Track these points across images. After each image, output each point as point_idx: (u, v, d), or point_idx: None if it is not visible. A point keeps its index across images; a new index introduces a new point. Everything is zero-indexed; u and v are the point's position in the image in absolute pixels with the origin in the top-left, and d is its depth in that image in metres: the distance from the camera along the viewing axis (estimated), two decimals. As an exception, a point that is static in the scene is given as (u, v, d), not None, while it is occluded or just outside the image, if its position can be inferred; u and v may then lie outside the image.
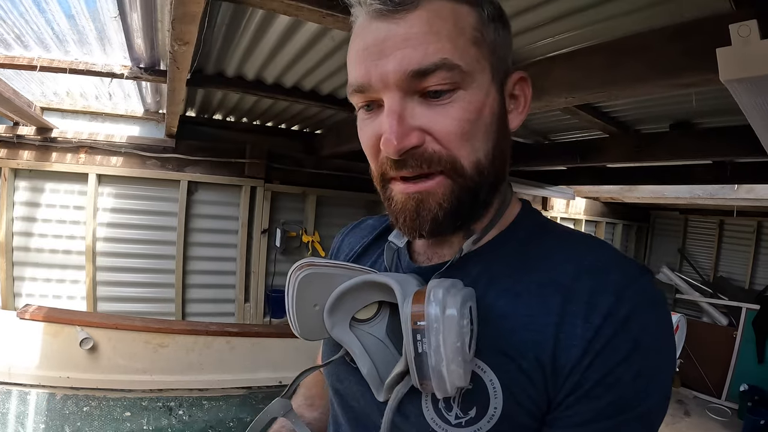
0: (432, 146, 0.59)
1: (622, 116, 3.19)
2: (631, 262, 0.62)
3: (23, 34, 2.46)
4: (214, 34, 2.35)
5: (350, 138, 3.83)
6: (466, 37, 0.59)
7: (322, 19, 1.85)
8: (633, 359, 0.55)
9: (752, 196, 5.10)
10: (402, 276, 0.66)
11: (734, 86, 1.45)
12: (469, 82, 0.59)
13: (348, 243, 0.93)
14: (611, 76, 1.84)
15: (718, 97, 2.35)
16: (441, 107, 0.59)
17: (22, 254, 3.89)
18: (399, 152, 0.58)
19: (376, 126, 0.61)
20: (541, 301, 0.59)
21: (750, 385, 5.26)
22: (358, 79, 0.60)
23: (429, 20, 0.57)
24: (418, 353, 0.54)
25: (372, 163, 0.66)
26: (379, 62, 0.58)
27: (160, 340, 2.98)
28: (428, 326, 0.53)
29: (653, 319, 0.57)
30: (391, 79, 0.57)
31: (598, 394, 0.55)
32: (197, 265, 4.40)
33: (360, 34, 0.61)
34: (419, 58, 0.56)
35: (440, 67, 0.57)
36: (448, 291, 0.55)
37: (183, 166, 4.20)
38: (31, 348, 2.82)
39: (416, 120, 0.59)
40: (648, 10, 1.71)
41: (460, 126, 0.59)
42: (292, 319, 0.68)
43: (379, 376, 0.66)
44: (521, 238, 0.68)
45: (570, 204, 6.58)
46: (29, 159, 3.78)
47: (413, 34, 0.57)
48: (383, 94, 0.59)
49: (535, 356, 0.57)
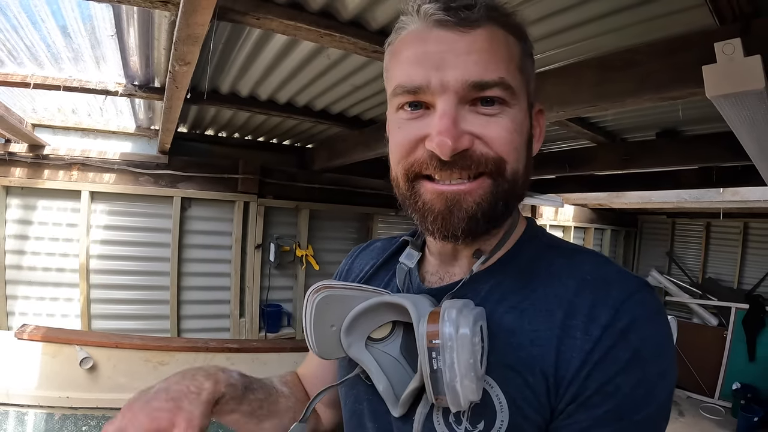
0: (481, 149, 0.62)
1: (610, 126, 3.25)
2: (632, 276, 0.65)
3: (17, 50, 2.45)
4: (210, 53, 2.38)
5: (343, 152, 3.85)
6: (514, 64, 0.65)
7: (320, 39, 1.89)
8: (632, 369, 0.57)
9: (738, 198, 5.17)
10: (415, 297, 0.69)
11: (720, 102, 1.51)
12: (515, 102, 0.64)
13: (358, 265, 0.95)
14: (601, 91, 1.89)
15: (703, 106, 2.41)
16: (491, 117, 0.63)
17: (14, 272, 3.84)
18: (453, 152, 0.60)
19: (422, 126, 0.64)
20: (545, 316, 0.62)
21: (742, 384, 5.33)
22: (414, 81, 0.63)
23: (489, 40, 0.62)
24: (433, 370, 0.57)
25: (400, 160, 0.68)
26: (440, 68, 0.61)
27: (160, 358, 2.97)
28: (443, 344, 0.56)
29: (652, 330, 0.60)
30: (451, 86, 0.61)
31: (597, 403, 0.57)
32: (192, 281, 4.38)
33: (418, 39, 0.64)
34: (481, 71, 0.61)
35: (498, 84, 0.62)
36: (461, 311, 0.59)
37: (176, 182, 4.19)
38: (30, 368, 2.79)
39: (467, 125, 0.62)
40: (636, 26, 1.77)
41: (510, 134, 0.63)
42: (311, 340, 0.70)
43: (395, 393, 0.69)
44: (528, 256, 0.71)
45: (559, 211, 6.63)
46: (21, 176, 3.74)
47: (476, 49, 0.61)
48: (438, 98, 0.62)
49: (540, 370, 0.60)
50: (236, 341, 3.91)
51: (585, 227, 7.20)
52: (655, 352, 0.59)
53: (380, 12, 1.83)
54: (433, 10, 0.62)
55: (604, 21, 1.76)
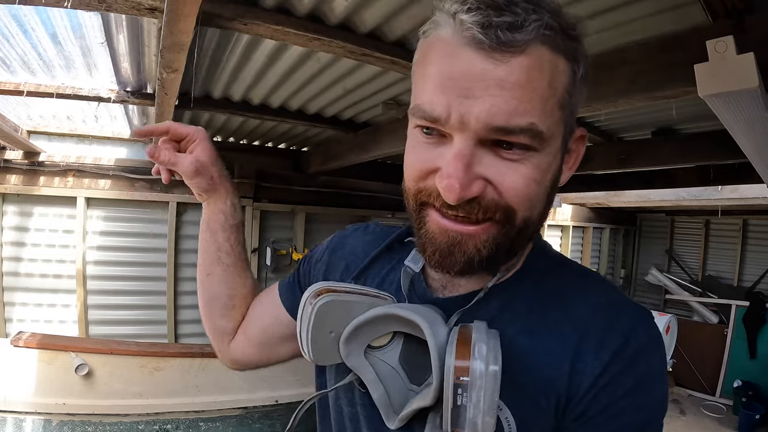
0: (492, 195, 0.57)
1: (606, 126, 3.23)
2: (638, 305, 0.67)
3: (9, 59, 2.46)
4: (201, 58, 2.37)
5: (338, 155, 3.84)
6: (555, 99, 0.56)
7: (308, 43, 1.88)
8: (636, 394, 0.59)
9: (737, 195, 5.17)
10: (424, 309, 0.65)
11: (713, 100, 1.48)
12: (544, 146, 0.57)
13: (351, 248, 0.89)
14: (594, 91, 1.87)
15: (698, 104, 2.39)
16: (511, 163, 0.56)
17: (11, 279, 3.85)
18: (459, 200, 0.55)
19: (435, 158, 0.58)
20: (559, 339, 0.62)
21: (743, 381, 5.34)
22: (434, 110, 0.55)
23: (529, 71, 0.52)
24: (455, 405, 0.54)
25: (411, 183, 0.62)
26: (465, 101, 0.53)
27: (155, 364, 2.96)
28: (471, 383, 0.53)
29: (656, 359, 0.62)
30: (472, 126, 0.53)
31: (600, 423, 0.59)
32: (188, 286, 4.36)
33: (446, 55, 0.55)
34: (508, 114, 0.52)
35: (525, 132, 0.53)
36: (488, 343, 0.55)
37: (171, 187, 4.16)
38: (26, 375, 2.79)
39: (482, 169, 0.56)
40: (627, 25, 1.75)
41: (527, 186, 0.57)
42: (306, 345, 0.67)
43: (390, 403, 0.66)
44: (539, 274, 0.69)
45: (556, 211, 6.62)
46: (17, 183, 3.76)
47: (509, 83, 0.52)
48: (456, 134, 0.55)
49: (553, 393, 0.61)
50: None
51: (583, 226, 7.18)
52: (657, 380, 0.61)
53: (368, 15, 1.82)
54: (470, 22, 0.52)
55: (595, 21, 1.74)
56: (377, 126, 3.28)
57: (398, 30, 1.91)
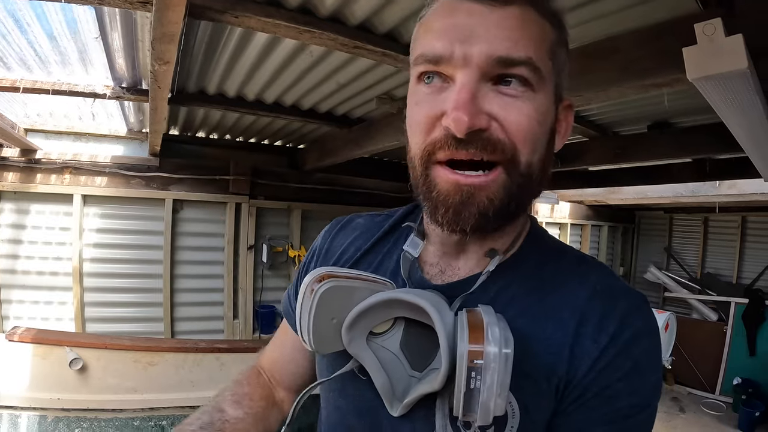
0: (498, 133, 0.59)
1: (600, 119, 3.24)
2: (635, 290, 0.68)
3: (6, 55, 2.46)
4: (194, 53, 2.37)
5: (333, 151, 3.85)
6: (546, 48, 0.61)
7: (299, 36, 1.88)
8: (631, 378, 0.61)
9: (735, 191, 5.16)
10: (428, 294, 0.65)
11: (702, 84, 1.48)
12: (541, 87, 0.60)
13: (339, 243, 0.89)
14: (584, 80, 1.88)
15: (693, 96, 2.39)
16: (513, 99, 0.59)
17: (8, 277, 3.85)
18: (468, 130, 0.56)
19: (440, 102, 0.60)
20: (559, 324, 0.64)
21: (743, 378, 5.32)
22: (437, 51, 0.59)
23: (521, 18, 0.58)
24: (469, 389, 0.54)
25: (417, 140, 0.63)
26: (467, 40, 0.57)
27: (149, 359, 2.96)
28: (485, 366, 0.53)
29: (651, 344, 0.63)
30: (475, 59, 0.57)
31: (595, 405, 0.61)
32: (185, 283, 4.39)
33: (447, 10, 0.60)
34: (508, 47, 0.57)
35: (525, 64, 0.58)
36: (499, 325, 0.55)
37: (167, 184, 4.20)
38: (21, 370, 2.79)
39: (487, 104, 0.58)
40: (618, 13, 1.75)
41: (530, 123, 0.59)
42: (307, 332, 0.65)
43: (392, 390, 0.66)
44: (537, 258, 0.71)
45: (554, 209, 6.61)
46: (14, 181, 3.76)
47: (506, 25, 0.58)
48: (459, 71, 0.58)
49: (553, 376, 0.62)
50: (226, 341, 3.90)
51: (581, 224, 7.18)
52: (652, 365, 0.63)
53: (357, 7, 1.82)
54: None
55: (585, 9, 1.75)
56: (371, 121, 3.29)
57: (388, 21, 1.91)
